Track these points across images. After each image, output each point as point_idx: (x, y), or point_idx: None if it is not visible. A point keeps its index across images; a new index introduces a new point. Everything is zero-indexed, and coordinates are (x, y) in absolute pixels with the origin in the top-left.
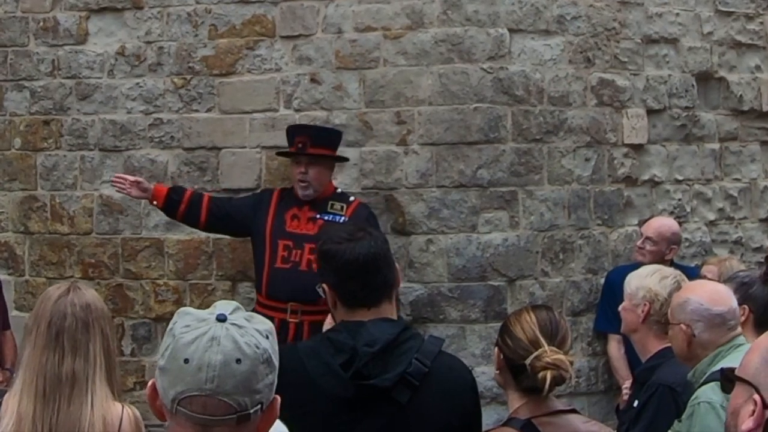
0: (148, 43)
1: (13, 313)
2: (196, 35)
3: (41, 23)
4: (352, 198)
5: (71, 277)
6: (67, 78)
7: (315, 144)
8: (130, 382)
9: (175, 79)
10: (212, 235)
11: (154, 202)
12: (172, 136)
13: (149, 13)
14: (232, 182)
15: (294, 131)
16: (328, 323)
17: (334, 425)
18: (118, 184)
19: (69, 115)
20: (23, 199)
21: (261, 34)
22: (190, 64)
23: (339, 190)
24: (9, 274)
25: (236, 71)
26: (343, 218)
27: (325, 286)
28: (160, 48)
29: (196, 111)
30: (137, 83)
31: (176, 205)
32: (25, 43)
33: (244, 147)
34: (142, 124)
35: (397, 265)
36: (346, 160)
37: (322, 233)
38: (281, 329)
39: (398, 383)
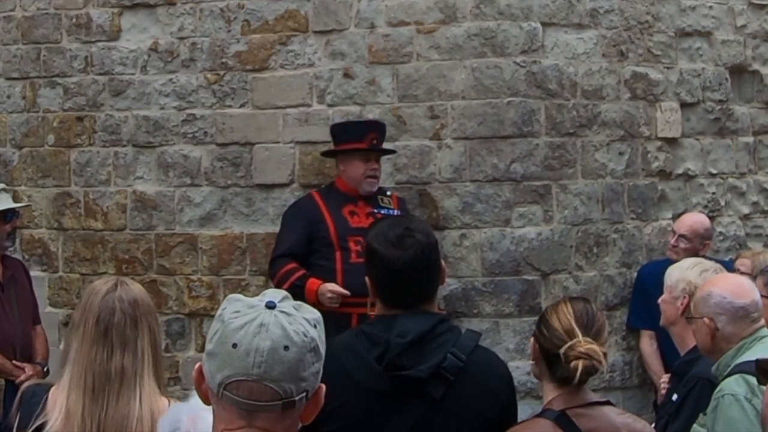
0: (181, 39)
1: (46, 309)
2: (229, 31)
3: (74, 20)
4: (389, 192)
5: (105, 273)
6: (100, 74)
7: (382, 139)
8: (164, 377)
9: (208, 75)
10: (246, 231)
11: None
12: (205, 132)
13: (182, 8)
14: (266, 178)
15: (365, 127)
16: None
17: (370, 419)
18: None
19: (102, 112)
20: (57, 196)
21: (294, 30)
22: (223, 60)
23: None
24: (43, 271)
25: (269, 66)
26: (395, 212)
27: (368, 279)
28: (193, 44)
29: (230, 106)
30: (170, 79)
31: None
32: (58, 40)
33: (278, 142)
34: (175, 119)
35: (443, 263)
36: (393, 152)
37: (374, 225)
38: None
39: (433, 378)
